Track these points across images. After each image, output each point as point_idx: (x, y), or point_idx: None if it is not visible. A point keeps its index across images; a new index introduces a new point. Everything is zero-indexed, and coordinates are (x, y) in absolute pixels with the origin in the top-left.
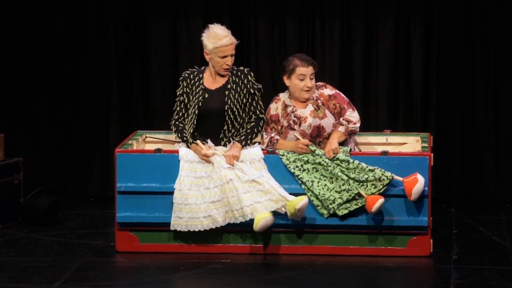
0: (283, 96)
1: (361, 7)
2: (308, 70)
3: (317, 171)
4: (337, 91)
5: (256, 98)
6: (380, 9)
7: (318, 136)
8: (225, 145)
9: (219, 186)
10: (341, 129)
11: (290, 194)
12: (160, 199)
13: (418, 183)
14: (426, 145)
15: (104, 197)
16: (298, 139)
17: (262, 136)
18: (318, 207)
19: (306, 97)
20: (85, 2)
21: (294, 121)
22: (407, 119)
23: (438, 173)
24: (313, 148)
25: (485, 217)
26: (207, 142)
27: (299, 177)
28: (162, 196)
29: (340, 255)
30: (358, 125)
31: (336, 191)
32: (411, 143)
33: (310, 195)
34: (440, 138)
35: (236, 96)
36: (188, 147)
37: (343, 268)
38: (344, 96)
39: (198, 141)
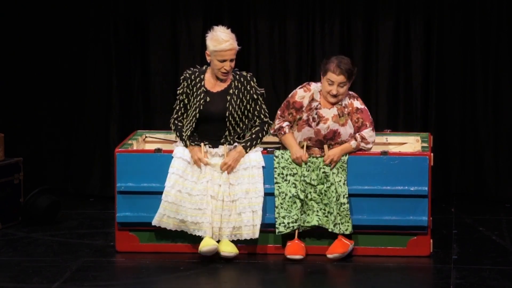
0: (314, 87)
1: (361, 7)
2: (338, 79)
3: (295, 187)
4: (365, 107)
5: (259, 103)
6: (380, 9)
7: (331, 139)
8: (224, 145)
9: (200, 195)
10: (353, 143)
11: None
12: (160, 199)
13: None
14: (426, 145)
15: (104, 197)
16: (306, 147)
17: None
18: (277, 220)
19: (331, 101)
20: (85, 1)
21: (314, 118)
22: (407, 119)
23: (438, 173)
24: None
25: (485, 217)
26: (205, 145)
27: (278, 185)
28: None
29: None
30: (370, 146)
31: (296, 214)
32: (411, 143)
33: (279, 205)
34: (440, 138)
35: (238, 102)
36: (185, 146)
37: (343, 268)
38: (370, 115)
39: (202, 145)
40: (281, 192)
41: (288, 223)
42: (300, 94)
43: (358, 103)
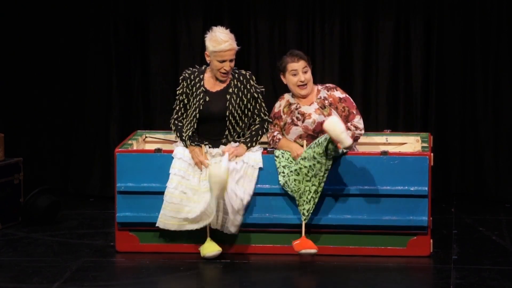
0: (287, 95)
1: (361, 7)
2: (299, 65)
3: (298, 175)
4: (347, 95)
5: (259, 101)
6: (380, 9)
7: (321, 131)
8: (225, 145)
9: (201, 194)
10: (349, 133)
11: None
12: (160, 199)
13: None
14: (426, 145)
15: (104, 197)
16: (301, 145)
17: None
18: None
19: (302, 93)
20: (85, 1)
21: (297, 117)
22: (407, 119)
23: (438, 173)
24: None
25: (485, 217)
26: (205, 145)
27: (287, 183)
28: (162, 196)
29: (340, 255)
30: (363, 132)
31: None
32: (411, 143)
33: (299, 199)
34: (440, 138)
35: (238, 101)
36: (185, 146)
37: (343, 268)
38: (353, 101)
39: (203, 146)
40: (293, 188)
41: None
42: (277, 105)
43: (338, 93)
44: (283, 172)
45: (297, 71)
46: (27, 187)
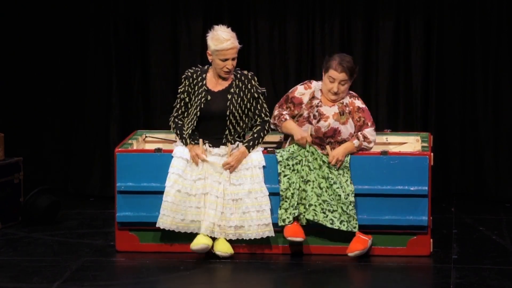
0: (315, 85)
1: (361, 7)
2: (339, 76)
3: (306, 175)
4: (366, 107)
5: (260, 102)
6: (380, 9)
7: (331, 137)
8: (225, 144)
9: (200, 194)
10: (355, 142)
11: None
12: (160, 198)
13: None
14: (426, 144)
15: (104, 196)
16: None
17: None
18: (281, 213)
19: (331, 98)
20: (85, 1)
21: (314, 115)
22: (407, 119)
23: (438, 173)
24: (311, 148)
25: (485, 217)
26: (205, 144)
27: (287, 176)
28: (162, 195)
29: (340, 255)
30: (372, 145)
31: (310, 204)
32: (411, 143)
33: (284, 196)
34: (440, 137)
35: (239, 101)
36: (185, 144)
37: (343, 268)
38: (370, 114)
39: (201, 141)
40: (292, 182)
41: (291, 212)
42: (300, 91)
43: (359, 102)
44: (289, 165)
45: (335, 80)
46: (27, 187)
